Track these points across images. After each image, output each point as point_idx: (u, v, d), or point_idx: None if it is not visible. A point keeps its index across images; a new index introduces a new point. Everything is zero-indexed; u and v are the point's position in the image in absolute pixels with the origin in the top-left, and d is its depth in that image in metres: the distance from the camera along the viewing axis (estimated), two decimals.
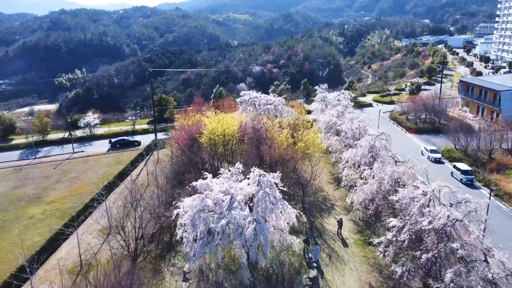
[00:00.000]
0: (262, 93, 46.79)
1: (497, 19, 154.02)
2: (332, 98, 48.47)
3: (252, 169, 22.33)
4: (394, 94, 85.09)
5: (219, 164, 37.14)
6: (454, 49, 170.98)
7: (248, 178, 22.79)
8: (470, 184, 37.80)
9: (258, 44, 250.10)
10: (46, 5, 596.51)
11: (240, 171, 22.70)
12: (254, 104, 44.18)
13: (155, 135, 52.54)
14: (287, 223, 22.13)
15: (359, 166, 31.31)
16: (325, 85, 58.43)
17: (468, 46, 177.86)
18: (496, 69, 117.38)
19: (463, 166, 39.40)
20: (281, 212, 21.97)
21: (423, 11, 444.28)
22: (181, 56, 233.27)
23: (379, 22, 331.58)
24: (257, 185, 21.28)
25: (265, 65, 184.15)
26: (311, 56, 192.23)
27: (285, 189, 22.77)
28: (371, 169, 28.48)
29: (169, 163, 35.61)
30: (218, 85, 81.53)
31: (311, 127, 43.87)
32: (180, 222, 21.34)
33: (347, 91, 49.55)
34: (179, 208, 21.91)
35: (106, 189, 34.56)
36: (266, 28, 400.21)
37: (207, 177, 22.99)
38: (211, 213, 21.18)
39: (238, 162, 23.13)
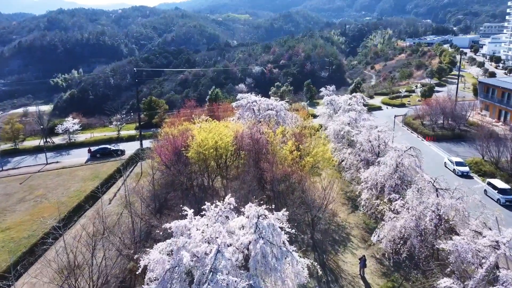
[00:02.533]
0: (262, 97, 40.59)
1: (507, 17, 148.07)
2: (342, 102, 42.30)
3: (248, 205, 16.15)
4: (404, 96, 78.93)
5: (211, 182, 31.04)
6: (461, 49, 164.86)
7: (243, 214, 16.71)
8: (509, 206, 31.65)
9: (258, 44, 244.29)
10: (45, 5, 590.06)
11: (232, 207, 16.52)
12: (253, 109, 38.02)
13: (141, 143, 46.41)
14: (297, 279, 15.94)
15: (382, 189, 25.18)
16: (333, 87, 52.29)
17: (476, 46, 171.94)
18: (509, 70, 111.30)
19: (500, 183, 33.22)
20: (288, 264, 15.80)
21: (424, 11, 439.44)
22: (179, 56, 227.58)
23: (381, 21, 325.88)
24: (255, 231, 15.09)
25: (265, 65, 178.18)
26: (313, 56, 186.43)
27: (293, 230, 16.57)
28: (398, 194, 22.39)
29: (149, 182, 29.45)
30: (214, 87, 75.24)
31: (318, 134, 37.73)
32: (147, 281, 15.20)
33: (359, 94, 43.45)
34: (148, 257, 15.76)
35: (67, 218, 28.45)
36: (266, 28, 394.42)
37: (186, 214, 16.83)
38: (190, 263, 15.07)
39: (229, 195, 16.92)
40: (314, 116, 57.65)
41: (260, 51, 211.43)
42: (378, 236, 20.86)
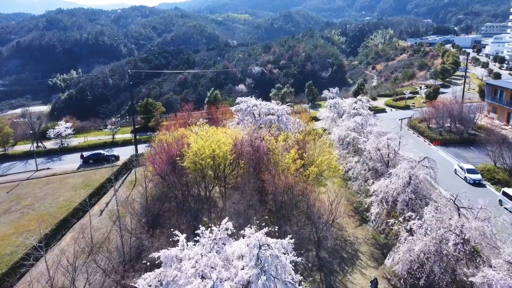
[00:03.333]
0: (262, 100, 38.52)
1: (511, 17, 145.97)
2: (346, 106, 40.20)
3: (248, 231, 14.09)
4: (409, 98, 76.78)
5: (208, 193, 28.98)
6: (463, 49, 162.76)
7: (243, 236, 14.68)
8: None
9: (258, 44, 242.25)
10: (45, 5, 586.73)
11: (230, 232, 14.47)
12: (253, 113, 35.93)
13: (136, 148, 44.32)
14: None
15: (393, 203, 23.12)
16: (336, 89, 50.22)
17: (478, 46, 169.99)
18: None
19: None
20: None
21: (424, 11, 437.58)
22: (179, 56, 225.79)
23: (382, 21, 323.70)
24: (256, 264, 13.03)
25: (265, 66, 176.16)
26: (313, 56, 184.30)
27: (299, 259, 14.54)
28: (413, 210, 20.36)
29: (141, 194, 27.36)
30: (213, 88, 73.10)
31: (322, 140, 35.62)
32: None
33: (364, 97, 41.36)
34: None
35: (51, 236, 26.35)
36: (266, 28, 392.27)
37: (178, 240, 14.78)
38: None
39: (227, 219, 14.87)
40: (316, 119, 55.70)
41: (260, 51, 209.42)
42: (393, 259, 18.81)
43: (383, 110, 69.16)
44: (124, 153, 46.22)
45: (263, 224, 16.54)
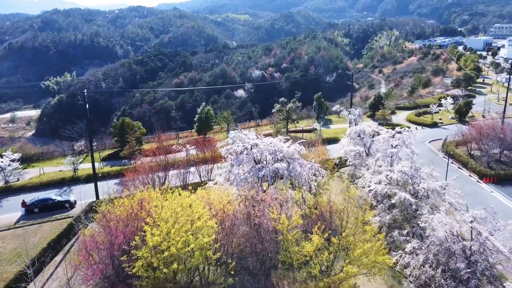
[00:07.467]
0: (262, 136, 27.35)
1: None
2: (381, 140, 29.02)
3: None
4: (435, 112, 65.47)
5: None
6: (479, 53, 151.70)
7: None
8: None
9: (258, 46, 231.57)
10: (45, 4, 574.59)
11: None
12: (253, 157, 24.83)
13: (96, 192, 33.35)
14: None
15: None
16: (358, 110, 39.18)
17: (494, 49, 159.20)
18: None
19: None
20: None
21: (427, 11, 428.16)
22: (175, 59, 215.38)
23: (385, 22, 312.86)
24: None
25: (266, 69, 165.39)
26: (317, 59, 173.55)
27: None
28: None
29: None
30: (204, 103, 61.89)
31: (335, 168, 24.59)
32: None
33: (406, 131, 29.64)
34: None
35: None
36: (266, 29, 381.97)
37: None
38: None
39: None
40: (328, 141, 44.84)
41: (260, 53, 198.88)
42: None
43: (407, 128, 58.00)
44: (87, 194, 35.07)
45: None
